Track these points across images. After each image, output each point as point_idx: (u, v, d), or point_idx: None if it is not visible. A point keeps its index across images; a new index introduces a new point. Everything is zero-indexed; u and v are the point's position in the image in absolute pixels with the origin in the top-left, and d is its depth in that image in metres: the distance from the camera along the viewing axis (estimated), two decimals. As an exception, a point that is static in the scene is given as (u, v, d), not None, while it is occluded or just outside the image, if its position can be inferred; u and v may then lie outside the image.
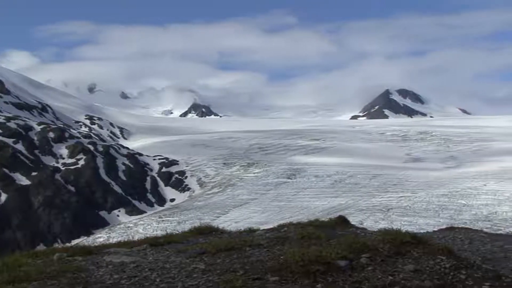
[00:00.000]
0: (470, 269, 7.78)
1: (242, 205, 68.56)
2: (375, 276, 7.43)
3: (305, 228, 10.35)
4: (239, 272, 7.67)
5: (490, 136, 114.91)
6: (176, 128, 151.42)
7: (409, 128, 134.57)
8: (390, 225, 38.07)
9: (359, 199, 65.82)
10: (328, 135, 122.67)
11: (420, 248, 8.42)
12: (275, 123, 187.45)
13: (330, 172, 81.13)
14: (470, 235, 12.09)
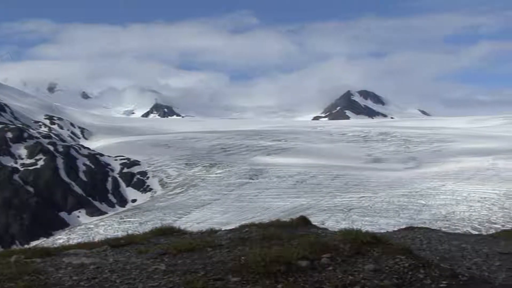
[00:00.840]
0: (428, 268, 7.90)
1: (204, 206, 68.39)
2: (335, 276, 7.49)
3: (266, 228, 10.37)
4: (200, 272, 7.65)
5: (448, 137, 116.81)
6: (138, 128, 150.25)
7: (370, 129, 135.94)
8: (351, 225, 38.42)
9: (320, 200, 66.24)
10: (290, 136, 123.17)
11: (380, 248, 8.51)
12: (237, 124, 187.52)
13: (292, 173, 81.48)
14: (428, 234, 12.27)
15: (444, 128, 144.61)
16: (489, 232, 36.79)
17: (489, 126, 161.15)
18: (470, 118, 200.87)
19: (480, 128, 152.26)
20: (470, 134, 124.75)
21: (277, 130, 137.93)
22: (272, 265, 7.49)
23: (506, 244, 11.04)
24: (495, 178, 72.03)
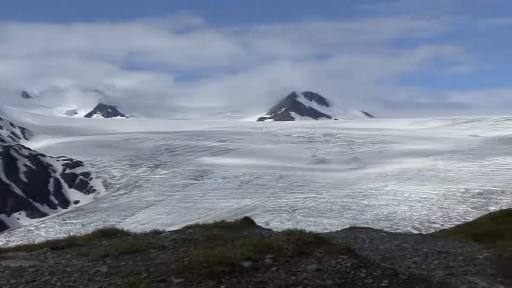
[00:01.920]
0: (369, 268, 8.01)
1: (148, 207, 67.80)
2: (278, 276, 7.51)
3: (210, 229, 10.33)
4: (143, 274, 7.57)
5: (390, 139, 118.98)
6: (81, 128, 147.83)
7: (314, 130, 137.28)
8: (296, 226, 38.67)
9: (265, 200, 66.52)
10: (235, 137, 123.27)
11: (323, 248, 8.58)
12: (182, 124, 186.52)
13: (237, 174, 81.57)
14: (370, 234, 12.45)
15: (386, 130, 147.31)
16: (429, 232, 37.67)
17: (429, 128, 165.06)
18: (411, 120, 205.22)
19: (420, 130, 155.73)
20: (411, 136, 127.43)
21: (223, 131, 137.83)
22: (216, 266, 7.47)
23: (444, 243, 11.31)
24: (434, 178, 73.76)
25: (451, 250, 10.45)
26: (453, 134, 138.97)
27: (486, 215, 30.60)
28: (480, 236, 18.77)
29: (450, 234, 21.15)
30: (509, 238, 14.79)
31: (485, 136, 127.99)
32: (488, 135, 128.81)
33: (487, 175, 73.42)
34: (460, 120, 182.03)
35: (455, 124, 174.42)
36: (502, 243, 10.67)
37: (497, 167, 78.83)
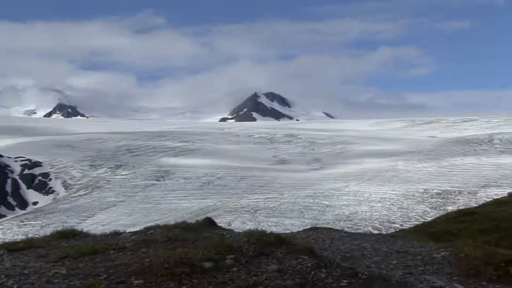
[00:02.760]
0: (329, 268, 8.07)
1: (109, 208, 67.14)
2: (239, 276, 7.52)
3: (171, 230, 10.28)
4: (102, 276, 7.49)
5: (351, 139, 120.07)
6: (40, 128, 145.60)
7: (276, 131, 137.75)
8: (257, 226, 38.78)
9: (227, 201, 66.47)
10: (197, 137, 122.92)
11: (284, 248, 8.61)
12: (143, 125, 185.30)
13: (199, 174, 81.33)
14: (331, 234, 12.52)
15: (347, 131, 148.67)
16: (389, 232, 38.12)
17: (389, 129, 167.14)
18: (372, 121, 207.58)
19: (381, 131, 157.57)
20: (371, 137, 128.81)
21: (184, 132, 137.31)
22: (176, 267, 7.44)
23: (403, 243, 11.45)
24: (394, 179, 74.67)
25: (410, 249, 10.59)
26: (412, 135, 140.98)
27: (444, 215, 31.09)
28: (438, 235, 19.10)
29: (409, 233, 21.44)
30: (465, 237, 15.07)
31: (443, 137, 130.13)
32: (446, 136, 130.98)
33: (445, 176, 74.64)
34: (419, 121, 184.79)
35: (414, 125, 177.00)
36: (459, 242, 10.86)
37: (454, 167, 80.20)
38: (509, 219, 21.40)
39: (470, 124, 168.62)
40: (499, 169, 76.66)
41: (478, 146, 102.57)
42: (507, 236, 19.06)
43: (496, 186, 65.21)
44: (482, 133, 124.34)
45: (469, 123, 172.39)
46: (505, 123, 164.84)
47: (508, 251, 10.37)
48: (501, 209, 24.34)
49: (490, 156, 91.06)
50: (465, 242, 10.82)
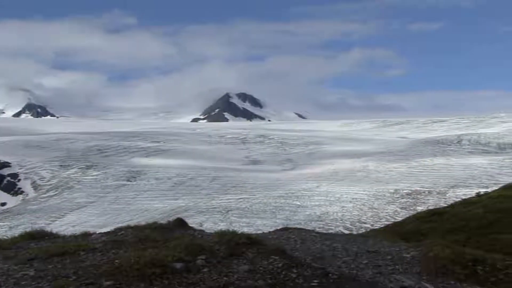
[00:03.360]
0: (300, 268, 8.11)
1: (79, 209, 66.49)
2: (210, 277, 7.52)
3: (142, 231, 10.24)
4: (72, 277, 7.43)
5: (323, 140, 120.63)
6: (8, 128, 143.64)
7: (248, 131, 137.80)
8: (229, 227, 38.73)
9: (199, 201, 66.29)
10: (169, 138, 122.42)
11: (255, 248, 8.64)
12: (115, 125, 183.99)
13: (170, 175, 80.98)
14: (302, 235, 12.56)
15: (319, 131, 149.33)
16: (360, 232, 38.38)
17: (360, 130, 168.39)
18: (343, 121, 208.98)
19: (352, 132, 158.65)
20: (343, 137, 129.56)
21: (156, 132, 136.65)
22: (147, 267, 7.42)
23: (374, 242, 11.54)
24: (365, 179, 75.19)
25: (380, 249, 10.68)
26: (383, 136, 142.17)
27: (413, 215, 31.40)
28: (407, 235, 19.30)
29: (379, 233, 21.62)
30: (435, 236, 15.26)
31: (413, 137, 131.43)
32: (416, 137, 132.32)
33: (415, 176, 75.36)
34: (389, 122, 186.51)
35: (385, 126, 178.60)
36: (428, 242, 10.98)
37: (424, 168, 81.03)
38: (477, 219, 21.70)
39: (439, 125, 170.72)
40: (467, 170, 77.67)
41: (447, 147, 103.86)
42: (475, 235, 19.33)
43: (464, 186, 66.03)
44: (451, 134, 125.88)
45: (438, 124, 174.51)
46: (473, 124, 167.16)
47: (475, 251, 10.53)
48: (469, 209, 24.68)
49: (459, 156, 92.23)
50: (434, 241, 10.95)
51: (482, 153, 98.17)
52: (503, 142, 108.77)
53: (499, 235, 19.33)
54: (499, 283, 9.16)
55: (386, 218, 53.57)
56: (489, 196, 29.98)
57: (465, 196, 47.69)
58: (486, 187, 59.04)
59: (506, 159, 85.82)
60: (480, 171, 76.19)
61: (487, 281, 9.15)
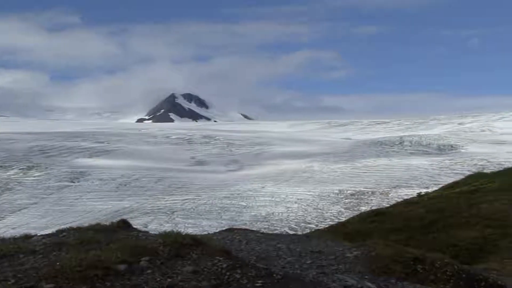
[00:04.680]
0: (245, 268, 8.13)
1: (20, 210, 64.95)
2: (154, 279, 7.47)
3: (85, 232, 10.09)
4: (10, 280, 7.26)
5: (269, 141, 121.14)
6: None
7: (194, 132, 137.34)
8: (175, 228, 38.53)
9: (144, 202, 65.68)
10: (113, 138, 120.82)
11: (199, 249, 8.62)
12: (57, 125, 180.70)
13: (115, 175, 79.95)
14: (247, 235, 12.61)
15: (265, 132, 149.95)
16: (305, 232, 38.72)
17: (305, 131, 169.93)
18: (289, 122, 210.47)
19: (297, 133, 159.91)
20: (289, 138, 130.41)
21: (100, 132, 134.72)
22: (89, 269, 7.31)
23: (318, 243, 11.67)
24: (310, 180, 75.90)
25: (324, 249, 10.80)
26: (328, 136, 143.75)
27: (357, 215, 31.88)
28: (351, 235, 19.60)
29: (324, 234, 21.89)
30: (377, 236, 15.54)
31: (357, 139, 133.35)
32: (360, 138, 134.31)
33: (359, 177, 76.49)
34: (334, 124, 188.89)
35: (330, 127, 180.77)
36: (371, 241, 11.18)
37: (368, 168, 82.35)
38: (417, 219, 22.20)
39: (382, 127, 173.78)
40: (409, 170, 79.30)
41: (390, 148, 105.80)
42: (416, 235, 19.78)
43: (406, 187, 67.41)
44: (394, 135, 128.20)
45: (381, 125, 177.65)
46: (415, 126, 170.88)
47: (416, 250, 10.78)
48: (410, 209, 25.22)
49: (401, 157, 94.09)
50: (376, 241, 11.16)
51: (423, 154, 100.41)
52: (443, 143, 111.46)
53: (438, 234, 19.84)
54: (437, 281, 9.41)
55: (330, 219, 54.18)
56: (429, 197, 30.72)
57: (406, 196, 48.71)
58: (427, 187, 60.48)
59: (446, 160, 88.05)
60: (421, 172, 77.91)
61: (427, 279, 9.38)
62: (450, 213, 22.71)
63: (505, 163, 75.62)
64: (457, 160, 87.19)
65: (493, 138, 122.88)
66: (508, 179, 31.22)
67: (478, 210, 22.92)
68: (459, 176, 59.66)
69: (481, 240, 18.88)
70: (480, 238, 19.08)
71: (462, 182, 36.79)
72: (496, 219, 21.34)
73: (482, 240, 18.91)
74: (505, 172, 38.09)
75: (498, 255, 17.50)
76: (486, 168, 70.84)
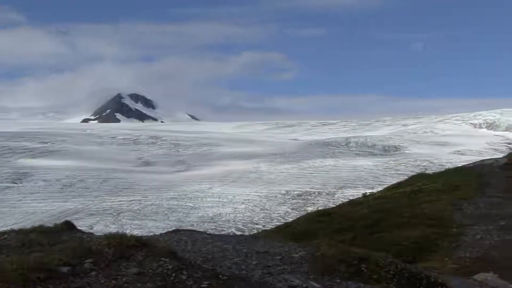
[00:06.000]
0: (191, 270, 8.11)
1: (-41, 213, 63.15)
2: (98, 281, 7.38)
3: (27, 234, 9.88)
4: None
5: (216, 142, 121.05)
6: None
7: (140, 132, 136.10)
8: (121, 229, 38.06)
9: (89, 203, 64.74)
10: (58, 138, 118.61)
11: (145, 251, 8.55)
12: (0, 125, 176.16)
13: (59, 176, 78.50)
14: (194, 236, 12.56)
15: (212, 133, 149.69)
16: (252, 233, 38.84)
17: (253, 132, 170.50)
18: (236, 123, 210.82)
19: (245, 133, 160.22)
20: (236, 139, 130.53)
21: (44, 132, 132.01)
22: (31, 272, 7.17)
23: (264, 243, 11.71)
24: (258, 180, 76.19)
25: (270, 250, 10.85)
26: (275, 137, 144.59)
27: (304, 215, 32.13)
28: (298, 235, 19.74)
29: (271, 234, 22.00)
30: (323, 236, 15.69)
31: (304, 140, 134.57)
32: (307, 139, 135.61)
33: (306, 177, 77.20)
34: (281, 125, 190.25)
35: (277, 128, 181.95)
36: (316, 242, 11.29)
37: (314, 169, 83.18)
38: (363, 219, 22.53)
39: (329, 128, 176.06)
40: (355, 171, 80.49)
41: (336, 149, 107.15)
42: (361, 235, 20.07)
43: (352, 187, 68.41)
44: (340, 136, 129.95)
45: (328, 126, 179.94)
46: (360, 127, 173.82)
47: (360, 249, 10.95)
48: (356, 209, 25.57)
49: (347, 158, 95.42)
50: (321, 241, 11.27)
51: (369, 155, 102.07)
52: (388, 144, 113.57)
53: (382, 233, 20.18)
54: (381, 279, 9.59)
55: (277, 219, 54.50)
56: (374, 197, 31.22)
57: (352, 196, 49.39)
58: (372, 188, 61.48)
59: (390, 160, 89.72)
60: (366, 173, 79.17)
61: (370, 278, 9.54)
62: (394, 213, 23.12)
63: (446, 164, 77.55)
64: (401, 161, 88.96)
65: (435, 140, 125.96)
66: (449, 180, 32.01)
67: (421, 210, 23.41)
68: (402, 176, 60.82)
69: (423, 240, 19.29)
70: (422, 237, 19.49)
71: (406, 182, 37.48)
72: (438, 218, 21.85)
73: (424, 239, 19.32)
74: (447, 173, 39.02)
75: (439, 254, 17.93)
76: (428, 168, 72.40)
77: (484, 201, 24.94)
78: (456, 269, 15.84)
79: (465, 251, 17.98)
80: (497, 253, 17.46)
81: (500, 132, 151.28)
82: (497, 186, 29.53)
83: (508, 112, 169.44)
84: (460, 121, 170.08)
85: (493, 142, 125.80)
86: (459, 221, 21.47)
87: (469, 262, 16.74)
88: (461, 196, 25.94)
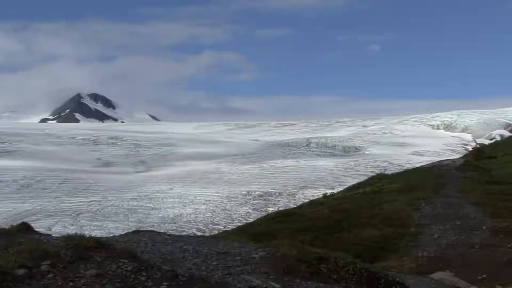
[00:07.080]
0: (150, 271, 8.06)
1: None
2: (55, 283, 7.28)
3: (-19, 237, 9.68)
4: None
5: (177, 142, 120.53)
6: None
7: (100, 132, 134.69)
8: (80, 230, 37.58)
9: (47, 204, 63.75)
10: (15, 138, 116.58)
11: (104, 252, 8.46)
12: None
13: (16, 177, 77.12)
14: (154, 237, 12.48)
15: (173, 133, 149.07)
16: (212, 233, 38.77)
17: (213, 132, 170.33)
18: (196, 124, 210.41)
19: (205, 134, 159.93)
20: (196, 139, 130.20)
21: (0, 132, 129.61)
22: (-16, 275, 7.03)
23: (225, 244, 11.70)
24: (219, 181, 76.10)
25: (230, 250, 10.84)
26: (236, 138, 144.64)
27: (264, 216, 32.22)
28: (258, 236, 19.76)
29: (231, 235, 21.98)
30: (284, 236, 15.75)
31: (265, 140, 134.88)
32: (268, 140, 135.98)
33: (267, 178, 77.41)
34: (241, 125, 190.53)
35: (238, 128, 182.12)
36: (277, 242, 11.32)
37: (275, 170, 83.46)
38: (323, 219, 22.70)
39: (289, 128, 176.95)
40: (315, 172, 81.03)
41: (297, 149, 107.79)
42: (321, 235, 20.22)
43: (312, 188, 68.80)
44: (301, 137, 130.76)
45: (288, 127, 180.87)
46: (320, 128, 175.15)
47: (320, 250, 11.03)
48: (316, 209, 25.75)
49: (308, 159, 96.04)
50: (282, 241, 11.31)
51: (329, 155, 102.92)
52: (348, 145, 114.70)
53: (342, 233, 20.37)
54: (340, 279, 9.67)
55: (238, 220, 54.51)
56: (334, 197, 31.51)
57: (313, 197, 49.74)
58: (332, 188, 61.99)
59: (351, 161, 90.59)
60: (327, 173, 79.78)
61: (330, 278, 9.62)
62: (354, 213, 23.37)
63: (405, 165, 78.71)
64: (361, 162, 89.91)
65: (394, 141, 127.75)
66: (408, 180, 32.52)
67: (380, 210, 23.71)
68: (362, 177, 61.50)
69: (382, 239, 19.54)
70: (381, 237, 19.74)
71: (366, 183, 37.94)
72: (397, 218, 22.17)
73: (383, 239, 19.58)
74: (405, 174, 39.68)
75: (397, 253, 18.19)
76: (388, 169, 73.37)
77: (441, 201, 25.41)
78: (414, 268, 16.07)
79: (422, 250, 18.28)
80: (453, 252, 17.78)
81: (457, 133, 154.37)
82: (453, 186, 30.14)
83: (465, 114, 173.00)
84: (419, 122, 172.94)
85: (450, 143, 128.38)
86: (417, 221, 21.83)
87: (426, 261, 17.01)
88: (419, 196, 26.39)
